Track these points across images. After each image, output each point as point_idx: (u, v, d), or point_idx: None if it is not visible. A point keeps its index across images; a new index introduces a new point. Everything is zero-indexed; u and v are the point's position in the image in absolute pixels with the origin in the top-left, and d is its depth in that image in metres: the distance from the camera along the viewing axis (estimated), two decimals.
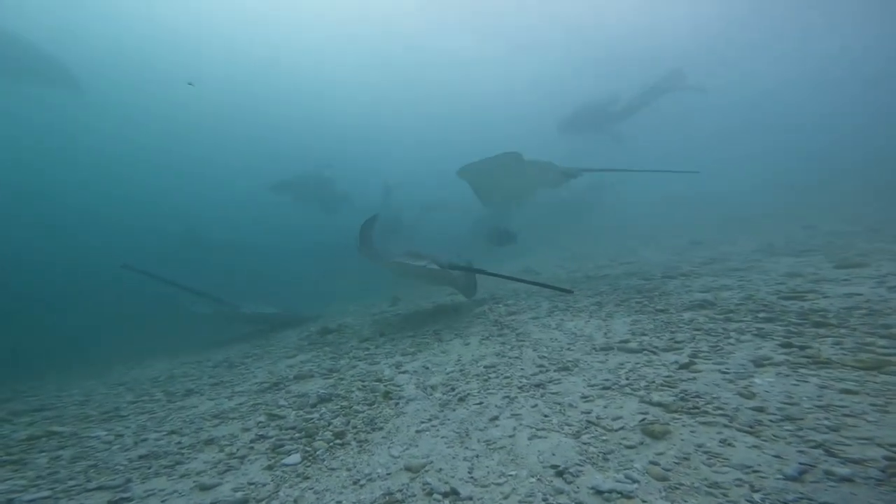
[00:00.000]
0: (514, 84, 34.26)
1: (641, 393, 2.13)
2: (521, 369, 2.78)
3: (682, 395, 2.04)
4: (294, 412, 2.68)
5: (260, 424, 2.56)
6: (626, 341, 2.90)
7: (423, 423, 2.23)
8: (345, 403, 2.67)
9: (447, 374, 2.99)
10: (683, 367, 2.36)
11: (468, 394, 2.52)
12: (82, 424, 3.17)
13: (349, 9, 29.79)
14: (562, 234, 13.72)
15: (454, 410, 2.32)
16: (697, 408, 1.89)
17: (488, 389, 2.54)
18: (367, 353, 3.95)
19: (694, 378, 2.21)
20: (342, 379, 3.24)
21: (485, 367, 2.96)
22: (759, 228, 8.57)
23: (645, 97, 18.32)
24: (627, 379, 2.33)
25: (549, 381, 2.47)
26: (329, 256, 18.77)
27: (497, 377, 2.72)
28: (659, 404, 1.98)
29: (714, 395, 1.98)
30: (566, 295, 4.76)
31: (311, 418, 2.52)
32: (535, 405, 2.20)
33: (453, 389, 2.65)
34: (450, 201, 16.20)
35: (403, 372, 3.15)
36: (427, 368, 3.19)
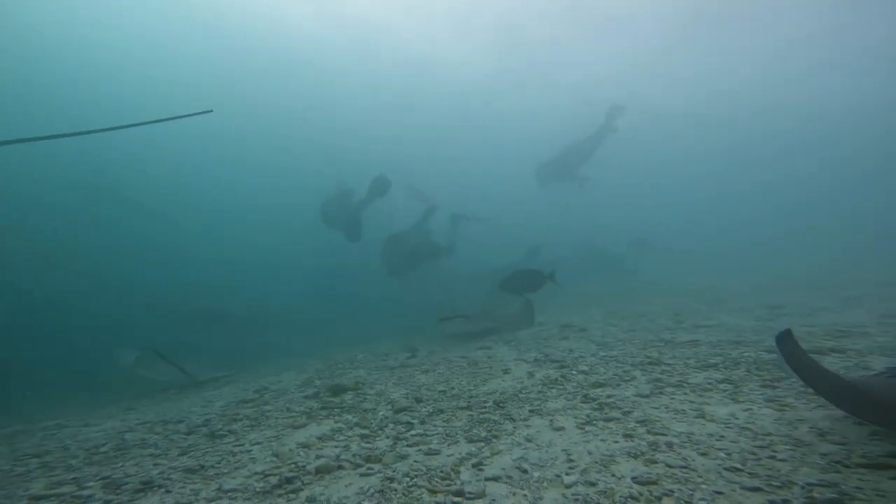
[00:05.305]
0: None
1: None
2: (721, 493, 1.67)
3: None
4: None
5: None
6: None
7: None
8: None
9: (568, 488, 1.87)
10: None
11: None
12: None
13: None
14: (585, 288, 12.73)
15: None
16: None
17: None
18: (412, 432, 2.78)
19: None
20: (392, 481, 2.08)
21: (633, 479, 1.85)
22: (839, 290, 7.69)
23: (596, 138, 17.68)
24: None
25: None
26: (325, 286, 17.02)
27: None
28: None
29: None
30: (662, 365, 3.71)
31: None
32: None
33: None
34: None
35: (492, 479, 2.01)
36: (525, 472, 2.06)
